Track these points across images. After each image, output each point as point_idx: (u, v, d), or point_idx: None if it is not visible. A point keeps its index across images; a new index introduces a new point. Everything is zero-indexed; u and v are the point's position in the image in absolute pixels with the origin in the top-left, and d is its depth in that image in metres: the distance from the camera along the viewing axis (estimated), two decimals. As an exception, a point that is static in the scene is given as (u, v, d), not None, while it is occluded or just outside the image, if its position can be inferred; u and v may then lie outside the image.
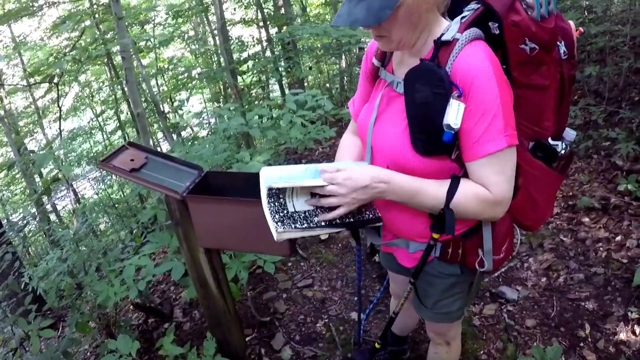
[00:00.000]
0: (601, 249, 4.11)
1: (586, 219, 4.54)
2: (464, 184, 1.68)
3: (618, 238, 4.17)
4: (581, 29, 1.89)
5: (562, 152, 1.84)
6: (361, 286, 2.58)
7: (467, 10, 1.66)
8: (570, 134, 1.88)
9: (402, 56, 1.84)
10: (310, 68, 12.51)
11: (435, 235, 1.85)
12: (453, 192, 1.67)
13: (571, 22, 1.79)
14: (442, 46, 1.62)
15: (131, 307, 4.52)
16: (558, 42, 1.70)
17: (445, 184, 1.69)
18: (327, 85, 13.39)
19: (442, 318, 2.22)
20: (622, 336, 3.28)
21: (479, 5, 1.63)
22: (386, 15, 1.53)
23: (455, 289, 2.09)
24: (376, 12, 1.53)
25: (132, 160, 2.62)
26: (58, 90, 5.94)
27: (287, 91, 9.52)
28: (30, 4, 7.45)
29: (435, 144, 1.62)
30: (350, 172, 1.67)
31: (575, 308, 3.60)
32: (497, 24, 1.61)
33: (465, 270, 2.01)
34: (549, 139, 1.83)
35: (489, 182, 1.65)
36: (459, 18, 1.65)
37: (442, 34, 1.64)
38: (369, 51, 2.04)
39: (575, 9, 7.20)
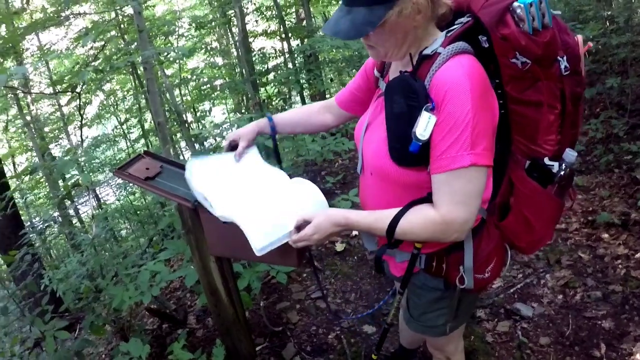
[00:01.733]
0: (620, 266, 4.07)
1: (605, 235, 4.50)
2: (412, 211, 1.70)
3: (638, 255, 4.13)
4: (590, 43, 1.82)
5: (560, 173, 1.79)
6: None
7: (457, 23, 1.67)
8: (570, 155, 1.81)
9: (396, 68, 1.86)
10: (332, 80, 12.55)
11: (418, 245, 1.88)
12: (397, 221, 1.69)
13: (579, 37, 1.75)
14: (425, 59, 1.64)
15: (146, 312, 4.57)
16: (559, 57, 1.67)
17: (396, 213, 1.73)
18: (349, 97, 13.38)
19: (427, 331, 2.23)
20: (639, 356, 3.24)
21: (469, 19, 1.64)
22: (367, 31, 1.59)
23: (441, 304, 2.08)
24: (358, 26, 1.58)
25: (147, 168, 2.67)
26: (80, 99, 6.05)
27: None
28: (57, 15, 7.55)
29: (406, 154, 1.64)
30: (316, 227, 1.80)
31: (591, 327, 3.56)
32: (486, 37, 1.61)
33: (449, 286, 1.99)
34: (546, 159, 1.79)
35: (438, 200, 1.64)
36: (444, 32, 1.66)
37: (426, 47, 1.66)
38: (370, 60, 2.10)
39: (597, 19, 7.15)
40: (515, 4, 1.55)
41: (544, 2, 1.56)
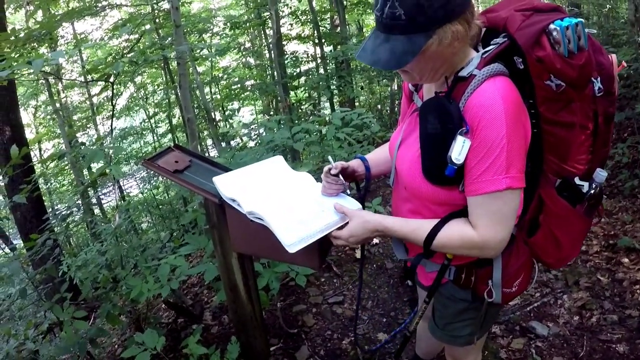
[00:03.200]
0: (638, 291, 4.04)
1: (625, 260, 4.47)
2: (450, 225, 1.72)
3: (657, 282, 4.09)
4: (624, 63, 1.79)
5: (590, 193, 1.78)
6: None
7: (493, 44, 1.64)
8: (600, 175, 1.80)
9: (430, 86, 1.85)
10: (362, 88, 12.57)
11: (449, 256, 1.90)
12: (435, 234, 1.72)
13: (613, 56, 1.72)
14: (460, 81, 1.63)
15: (163, 305, 4.59)
16: (593, 79, 1.64)
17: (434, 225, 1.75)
18: (378, 106, 13.43)
19: (451, 340, 2.23)
20: (652, 382, 3.22)
21: (505, 39, 1.62)
22: (408, 61, 1.54)
23: (467, 315, 2.09)
24: (398, 56, 1.53)
25: (176, 162, 2.69)
26: (113, 89, 6.11)
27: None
28: (94, 4, 7.65)
29: (440, 175, 1.65)
30: (352, 230, 1.88)
31: (606, 350, 3.52)
32: (521, 59, 1.59)
33: (476, 298, 2.00)
34: (577, 179, 1.78)
35: (476, 222, 1.66)
36: (480, 53, 1.64)
37: (462, 68, 1.64)
38: None
39: (630, 44, 7.09)
40: (552, 26, 1.53)
41: (580, 25, 1.53)
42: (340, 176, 2.13)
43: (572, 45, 1.53)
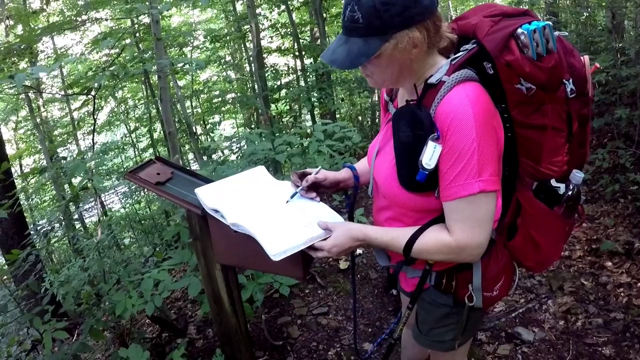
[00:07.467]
0: (622, 294, 4.07)
1: (609, 263, 4.51)
2: (428, 232, 1.74)
3: (640, 284, 4.13)
4: (597, 64, 1.81)
5: (568, 194, 1.79)
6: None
7: (462, 50, 1.67)
8: (576, 176, 1.80)
9: (404, 93, 1.88)
10: (343, 100, 12.58)
11: (431, 262, 1.90)
12: (413, 241, 1.74)
13: (586, 58, 1.75)
14: (430, 88, 1.66)
15: (147, 320, 4.55)
16: (565, 80, 1.66)
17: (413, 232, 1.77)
18: (359, 118, 13.45)
19: (434, 345, 2.22)
20: (638, 385, 3.23)
21: (474, 45, 1.64)
22: (361, 62, 1.61)
23: (449, 320, 2.08)
24: (353, 57, 1.60)
25: (158, 174, 2.68)
26: (94, 103, 6.08)
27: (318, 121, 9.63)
28: (74, 18, 7.62)
29: (414, 181, 1.66)
30: (335, 239, 1.86)
31: (592, 353, 3.55)
32: (490, 64, 1.62)
33: (458, 303, 2.00)
34: (553, 181, 1.79)
35: (452, 226, 1.68)
36: (449, 60, 1.67)
37: (431, 76, 1.67)
38: None
39: (608, 51, 7.15)
40: (519, 30, 1.55)
41: (547, 28, 1.55)
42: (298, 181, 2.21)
43: (540, 48, 1.55)
